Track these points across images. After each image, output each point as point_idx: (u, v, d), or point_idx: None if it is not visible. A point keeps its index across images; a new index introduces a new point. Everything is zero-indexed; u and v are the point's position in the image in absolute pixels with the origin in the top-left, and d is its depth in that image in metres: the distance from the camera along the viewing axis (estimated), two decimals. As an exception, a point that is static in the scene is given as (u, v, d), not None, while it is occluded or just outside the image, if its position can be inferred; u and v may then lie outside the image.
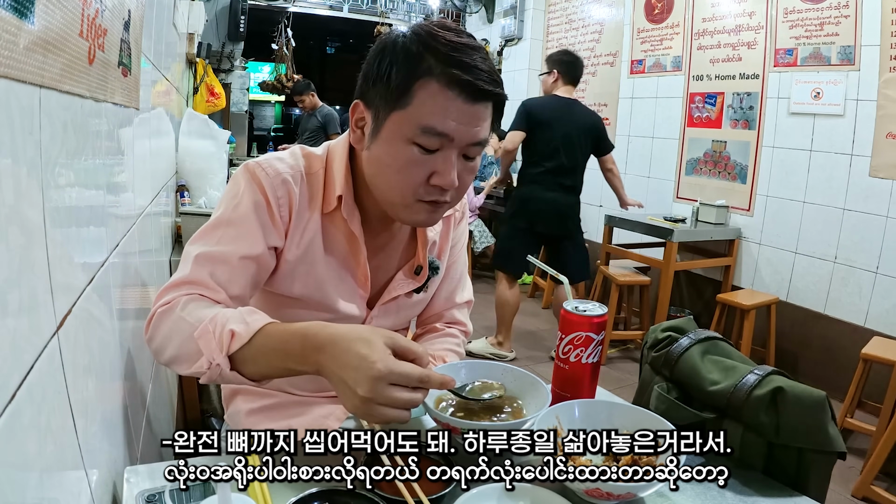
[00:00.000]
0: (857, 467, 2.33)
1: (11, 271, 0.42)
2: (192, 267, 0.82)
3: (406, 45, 0.78)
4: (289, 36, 6.03)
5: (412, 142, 0.78)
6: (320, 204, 0.90)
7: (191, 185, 2.33)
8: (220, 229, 0.86)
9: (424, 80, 0.76)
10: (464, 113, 0.77)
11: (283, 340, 0.72)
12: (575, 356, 0.86)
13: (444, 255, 1.07)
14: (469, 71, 0.76)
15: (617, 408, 0.81)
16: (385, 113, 0.79)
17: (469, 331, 1.17)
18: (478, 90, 0.76)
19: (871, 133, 2.91)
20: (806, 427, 0.75)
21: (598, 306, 0.89)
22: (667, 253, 3.38)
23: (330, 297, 0.93)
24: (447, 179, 0.79)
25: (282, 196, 0.87)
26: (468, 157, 0.82)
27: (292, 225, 0.89)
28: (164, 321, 0.78)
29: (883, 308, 2.90)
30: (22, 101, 0.44)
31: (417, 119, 0.77)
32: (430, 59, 0.77)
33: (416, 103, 0.77)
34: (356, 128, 0.86)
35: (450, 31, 0.79)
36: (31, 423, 0.44)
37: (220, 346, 0.72)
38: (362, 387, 0.64)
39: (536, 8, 5.31)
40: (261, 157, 0.90)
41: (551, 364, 0.90)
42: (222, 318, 0.74)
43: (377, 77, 0.80)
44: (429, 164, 0.79)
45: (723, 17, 3.67)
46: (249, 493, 0.64)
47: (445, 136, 0.77)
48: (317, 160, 0.92)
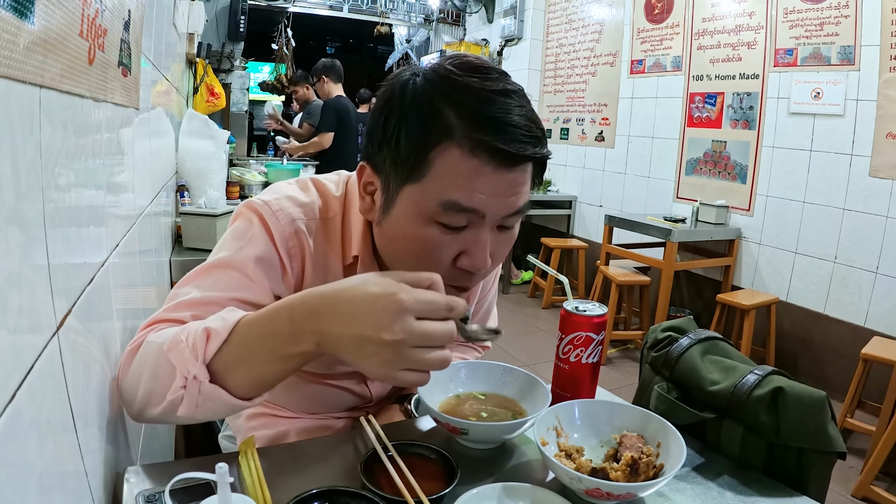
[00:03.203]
0: (857, 467, 2.33)
1: (11, 271, 0.42)
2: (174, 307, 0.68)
3: (418, 98, 0.62)
4: (289, 36, 6.03)
5: (432, 220, 0.63)
6: (340, 256, 0.78)
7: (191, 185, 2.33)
8: (217, 271, 0.71)
9: (443, 147, 0.61)
10: (496, 183, 0.61)
11: (267, 321, 0.58)
12: (575, 356, 0.86)
13: (474, 298, 0.95)
14: (501, 130, 0.59)
15: (617, 408, 0.81)
16: (397, 185, 0.64)
17: (489, 347, 1.12)
18: (512, 156, 0.60)
19: (871, 133, 2.91)
20: (806, 427, 0.75)
21: (598, 306, 0.89)
22: (667, 253, 3.39)
23: None
24: (479, 261, 0.64)
25: (293, 247, 0.74)
26: (505, 227, 0.67)
27: (309, 274, 0.76)
28: (131, 361, 0.66)
29: (883, 308, 2.90)
30: (22, 101, 0.44)
31: (437, 193, 0.61)
32: (449, 115, 0.60)
33: (433, 175, 0.61)
34: (365, 193, 0.70)
35: (474, 73, 0.62)
36: (31, 423, 0.44)
37: (195, 352, 0.58)
38: (388, 329, 0.51)
39: (536, 8, 5.31)
40: (271, 197, 0.76)
41: (551, 364, 0.90)
42: (195, 324, 0.61)
43: (384, 139, 0.64)
44: (455, 244, 0.64)
45: (723, 17, 3.68)
46: (249, 493, 0.64)
47: (474, 212, 0.62)
48: (334, 203, 0.78)
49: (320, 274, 0.77)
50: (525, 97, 0.65)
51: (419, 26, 6.64)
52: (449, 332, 0.54)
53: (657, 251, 3.65)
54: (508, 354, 3.48)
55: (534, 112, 0.64)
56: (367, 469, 0.69)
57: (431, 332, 0.53)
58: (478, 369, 0.90)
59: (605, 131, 4.65)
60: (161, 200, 1.67)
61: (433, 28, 6.57)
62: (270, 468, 0.70)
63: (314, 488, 0.64)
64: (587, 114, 4.84)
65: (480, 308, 1.05)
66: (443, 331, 0.53)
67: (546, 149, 0.65)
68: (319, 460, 0.77)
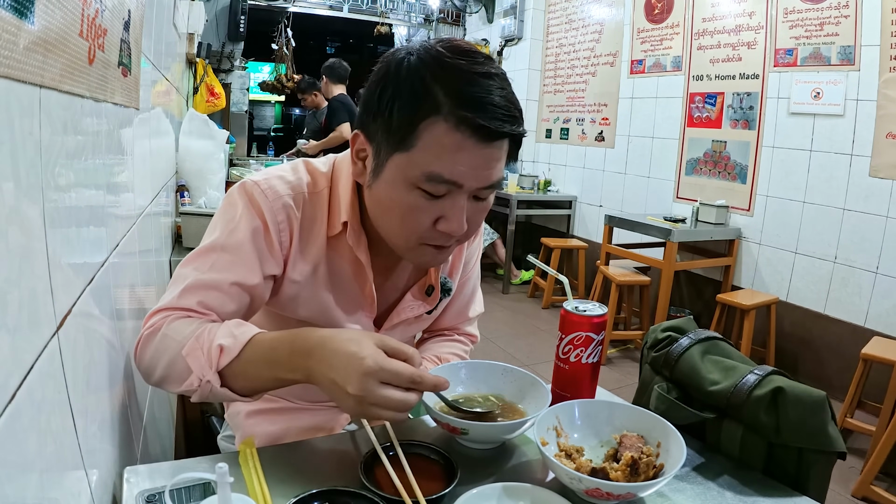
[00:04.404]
0: (857, 467, 2.33)
1: (11, 271, 0.42)
2: (180, 293, 0.78)
3: (411, 76, 0.69)
4: (289, 36, 6.03)
5: (416, 187, 0.71)
6: (325, 226, 0.84)
7: (191, 185, 2.33)
8: (214, 254, 0.80)
9: (431, 121, 0.68)
10: (475, 157, 0.69)
11: (270, 348, 0.70)
12: (575, 356, 0.86)
13: (456, 274, 1.01)
14: (483, 109, 0.67)
15: (617, 408, 0.81)
16: (387, 153, 0.72)
17: (477, 339, 1.13)
18: (492, 132, 0.68)
19: (871, 133, 2.91)
20: (806, 427, 0.75)
21: (598, 306, 0.89)
22: (667, 253, 3.39)
23: (335, 321, 0.89)
24: (455, 226, 0.73)
25: (282, 221, 0.81)
26: (480, 198, 0.75)
27: (294, 249, 0.84)
28: (151, 343, 0.76)
29: (883, 308, 2.90)
30: (22, 101, 0.44)
31: (422, 164, 0.69)
32: (437, 93, 0.68)
33: (420, 146, 0.69)
34: (357, 159, 0.79)
35: (462, 56, 0.69)
36: (31, 423, 0.44)
37: (210, 362, 0.70)
38: (352, 384, 0.62)
39: (536, 8, 5.31)
40: (260, 176, 0.83)
41: (551, 364, 0.90)
42: (209, 333, 0.72)
43: (378, 111, 0.72)
44: (435, 209, 0.73)
45: (723, 17, 3.68)
46: (249, 493, 0.64)
47: (453, 184, 0.70)
48: (321, 178, 0.86)
49: (305, 245, 0.84)
50: (507, 80, 0.72)
51: (419, 26, 6.64)
52: (405, 400, 0.63)
53: (657, 251, 3.65)
54: (508, 354, 3.49)
55: (514, 94, 0.72)
56: (367, 469, 0.69)
57: (389, 397, 0.63)
58: (478, 369, 0.90)
59: (605, 131, 4.65)
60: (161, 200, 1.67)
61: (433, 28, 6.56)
62: (270, 468, 0.70)
63: (314, 488, 0.64)
64: (587, 114, 4.84)
65: (464, 288, 1.06)
66: (400, 399, 0.63)
67: (522, 127, 0.72)
68: (319, 460, 0.77)
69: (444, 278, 0.97)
